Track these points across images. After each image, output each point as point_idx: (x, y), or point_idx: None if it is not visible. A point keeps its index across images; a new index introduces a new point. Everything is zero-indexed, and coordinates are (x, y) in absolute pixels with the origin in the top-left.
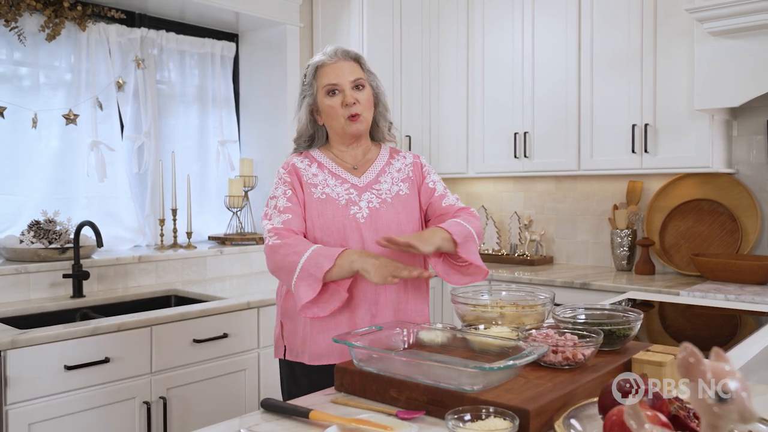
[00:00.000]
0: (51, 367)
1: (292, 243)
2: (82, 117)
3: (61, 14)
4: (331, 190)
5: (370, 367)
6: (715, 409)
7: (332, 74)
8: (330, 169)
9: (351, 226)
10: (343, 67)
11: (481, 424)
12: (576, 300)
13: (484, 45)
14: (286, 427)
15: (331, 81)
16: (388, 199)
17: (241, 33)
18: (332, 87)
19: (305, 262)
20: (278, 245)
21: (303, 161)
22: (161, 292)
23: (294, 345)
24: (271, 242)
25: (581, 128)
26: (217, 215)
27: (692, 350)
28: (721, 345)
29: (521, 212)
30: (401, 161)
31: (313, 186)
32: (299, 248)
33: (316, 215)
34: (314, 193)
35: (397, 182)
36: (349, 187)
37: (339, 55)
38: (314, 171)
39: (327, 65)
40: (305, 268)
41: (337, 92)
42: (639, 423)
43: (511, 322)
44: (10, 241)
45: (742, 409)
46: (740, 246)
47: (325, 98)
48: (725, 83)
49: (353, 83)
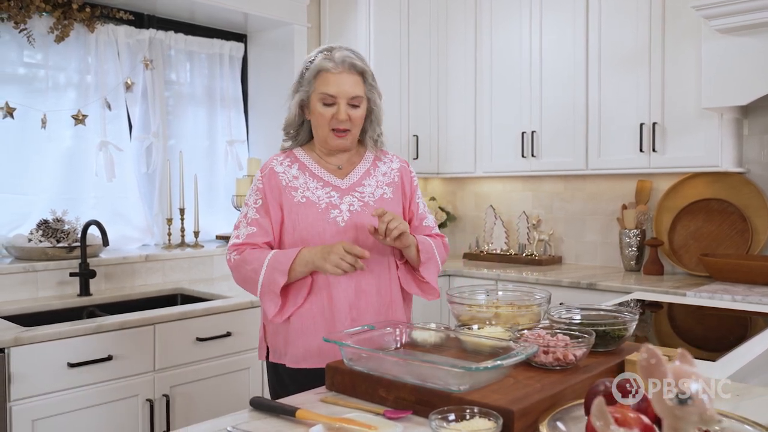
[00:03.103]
0: (54, 365)
1: (248, 259)
2: (90, 117)
3: (70, 16)
4: (312, 194)
5: (359, 366)
6: (675, 411)
7: (333, 85)
8: (312, 170)
9: (330, 230)
10: (346, 81)
11: (465, 424)
12: (583, 300)
13: (491, 44)
14: (273, 425)
15: (329, 92)
16: (370, 202)
17: (249, 33)
18: (329, 98)
19: (263, 279)
20: (238, 262)
21: (283, 163)
22: (168, 290)
23: (276, 347)
24: (233, 259)
25: (589, 127)
26: (225, 215)
27: (653, 352)
28: (727, 346)
29: (530, 212)
30: (387, 165)
31: (294, 189)
32: (255, 264)
33: (297, 220)
34: (294, 196)
35: (381, 186)
36: (330, 190)
37: (345, 66)
38: (294, 173)
39: (330, 73)
40: (264, 284)
41: (332, 104)
42: (605, 423)
43: (506, 322)
44: (19, 240)
45: (702, 411)
46: (750, 246)
47: (318, 104)
48: (733, 81)
49: (350, 100)
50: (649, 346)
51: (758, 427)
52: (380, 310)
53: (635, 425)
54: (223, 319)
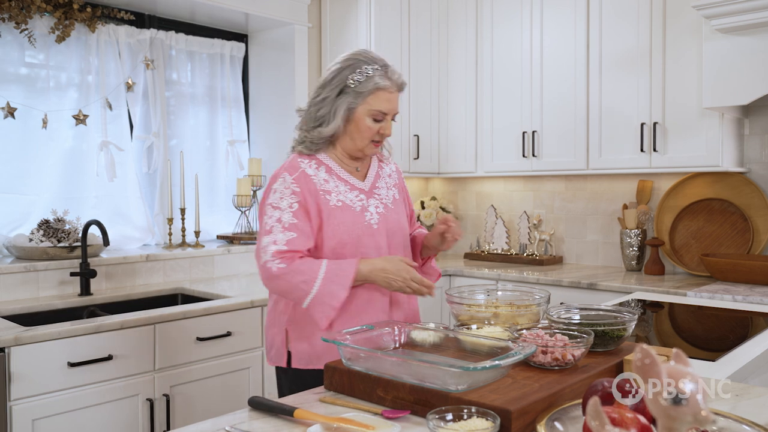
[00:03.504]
0: (55, 364)
1: (300, 270)
2: (91, 117)
3: (71, 16)
4: (345, 197)
5: (357, 366)
6: (670, 411)
7: (387, 103)
8: (338, 173)
9: (367, 232)
10: (396, 100)
11: (463, 424)
12: (583, 300)
13: (492, 43)
14: (271, 425)
15: (383, 109)
16: (389, 204)
17: (250, 33)
18: (380, 115)
19: (318, 291)
20: (284, 271)
21: (311, 165)
22: (168, 290)
23: (304, 353)
24: (275, 268)
25: (590, 127)
26: (226, 214)
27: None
28: (728, 346)
29: (531, 212)
30: (388, 167)
31: (327, 193)
32: (307, 276)
33: (336, 224)
34: (329, 200)
35: (390, 187)
36: (358, 192)
37: (398, 85)
38: (324, 176)
39: (387, 92)
40: (318, 297)
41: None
42: (600, 423)
43: (505, 322)
44: (20, 240)
45: (696, 411)
46: (752, 246)
47: (368, 118)
48: (734, 81)
49: (393, 116)
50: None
51: (756, 427)
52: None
53: (632, 425)
54: (224, 319)
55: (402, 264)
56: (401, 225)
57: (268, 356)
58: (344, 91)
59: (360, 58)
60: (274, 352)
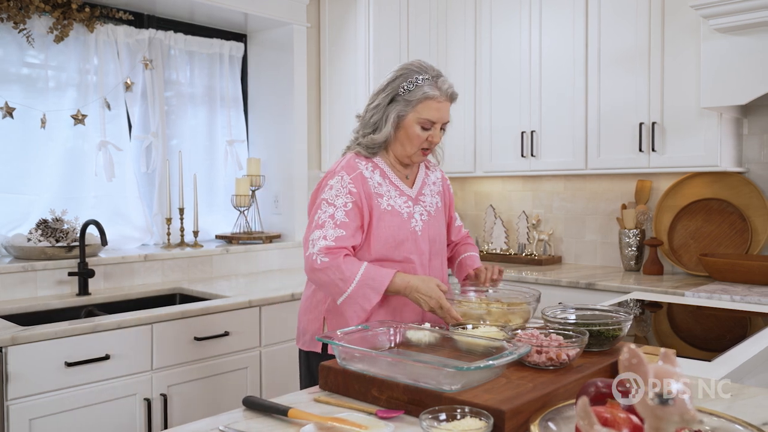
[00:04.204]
0: (52, 364)
1: (342, 268)
2: (90, 117)
3: (70, 16)
4: (394, 202)
5: (352, 366)
6: (656, 411)
7: (435, 112)
8: (391, 179)
9: (411, 238)
10: (445, 109)
11: (456, 424)
12: (582, 300)
13: (491, 43)
14: (265, 424)
15: (431, 118)
16: (432, 212)
17: (249, 33)
18: (429, 124)
19: (352, 292)
20: (327, 266)
21: (368, 167)
22: (167, 290)
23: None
24: (320, 261)
25: (588, 127)
26: (225, 214)
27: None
28: (724, 346)
29: (529, 211)
30: (434, 174)
31: (379, 196)
32: (347, 275)
33: (384, 227)
34: (381, 203)
35: (434, 195)
36: (407, 199)
37: (448, 96)
38: (378, 179)
39: (436, 101)
40: (352, 297)
41: (429, 128)
42: (588, 423)
43: (497, 319)
44: (18, 240)
45: (683, 412)
46: (750, 246)
47: (416, 126)
48: (732, 81)
49: (443, 125)
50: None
51: (749, 427)
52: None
53: (624, 425)
54: (221, 319)
55: (435, 288)
56: (441, 233)
57: (301, 341)
58: (395, 99)
59: (412, 67)
60: (308, 336)
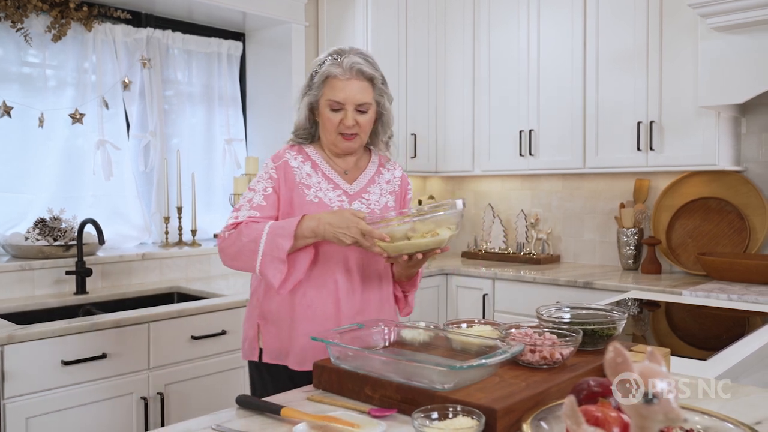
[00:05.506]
0: (49, 362)
1: (245, 232)
2: (88, 116)
3: (68, 15)
4: (324, 195)
5: (346, 364)
6: (641, 410)
7: (340, 91)
8: (323, 171)
9: None
10: (353, 87)
11: (448, 423)
12: (580, 299)
13: (489, 42)
14: (258, 423)
15: (336, 98)
16: (376, 210)
17: (247, 32)
18: (336, 105)
19: (264, 247)
20: (232, 236)
21: (297, 158)
22: (164, 289)
23: (274, 348)
24: (227, 235)
25: (587, 126)
26: (223, 213)
27: (619, 350)
28: (720, 345)
29: (528, 210)
30: (390, 173)
31: (307, 187)
32: (254, 235)
33: None
34: (307, 194)
35: (385, 194)
36: (341, 193)
37: (353, 73)
38: (308, 170)
39: (338, 79)
40: (266, 253)
41: (340, 110)
42: (576, 422)
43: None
44: (16, 239)
45: (668, 411)
46: (748, 245)
47: (326, 109)
48: (730, 80)
49: (358, 106)
50: (616, 345)
51: (742, 426)
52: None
53: (615, 424)
54: (218, 318)
55: (350, 216)
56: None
57: (242, 350)
58: (309, 84)
59: (329, 51)
60: (246, 345)
